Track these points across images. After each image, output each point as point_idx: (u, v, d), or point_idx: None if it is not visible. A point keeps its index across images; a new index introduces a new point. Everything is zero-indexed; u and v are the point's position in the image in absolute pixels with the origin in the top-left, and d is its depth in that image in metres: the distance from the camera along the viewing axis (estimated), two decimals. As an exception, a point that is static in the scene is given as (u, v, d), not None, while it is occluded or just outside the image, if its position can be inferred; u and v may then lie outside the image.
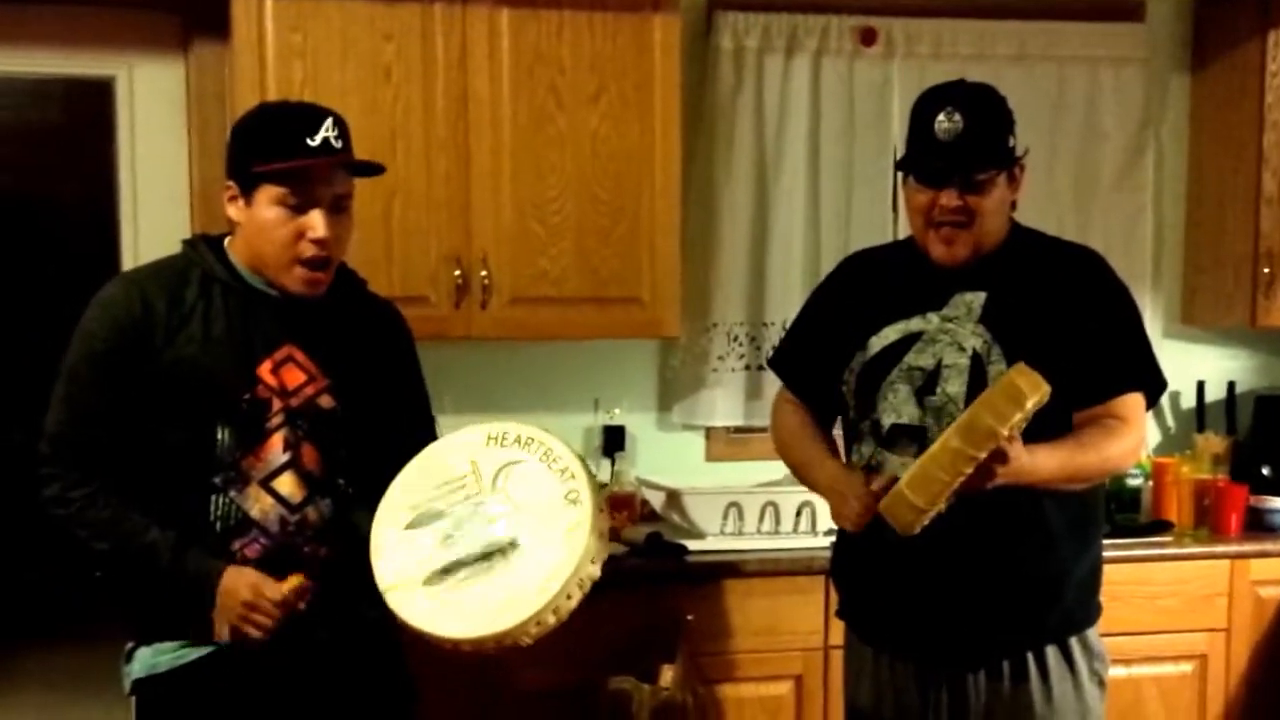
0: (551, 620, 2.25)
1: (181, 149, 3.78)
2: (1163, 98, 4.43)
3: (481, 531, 2.33)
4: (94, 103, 3.99)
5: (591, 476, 2.37)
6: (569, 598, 2.26)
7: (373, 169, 2.54)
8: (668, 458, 4.16)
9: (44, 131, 6.79)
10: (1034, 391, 2.25)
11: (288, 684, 2.46)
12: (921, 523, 2.30)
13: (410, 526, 2.37)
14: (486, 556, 2.31)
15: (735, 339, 4.15)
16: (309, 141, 2.40)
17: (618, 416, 4.03)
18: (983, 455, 2.24)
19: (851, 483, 2.59)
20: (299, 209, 2.41)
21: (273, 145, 2.40)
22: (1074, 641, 2.65)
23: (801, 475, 2.85)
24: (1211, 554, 3.87)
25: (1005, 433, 2.24)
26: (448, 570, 2.31)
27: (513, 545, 2.31)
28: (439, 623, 2.27)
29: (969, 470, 2.25)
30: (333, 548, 2.46)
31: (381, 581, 2.33)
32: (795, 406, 2.90)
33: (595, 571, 2.30)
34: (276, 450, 2.43)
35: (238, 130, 2.52)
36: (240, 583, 2.36)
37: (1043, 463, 2.40)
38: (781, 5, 4.07)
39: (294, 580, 2.37)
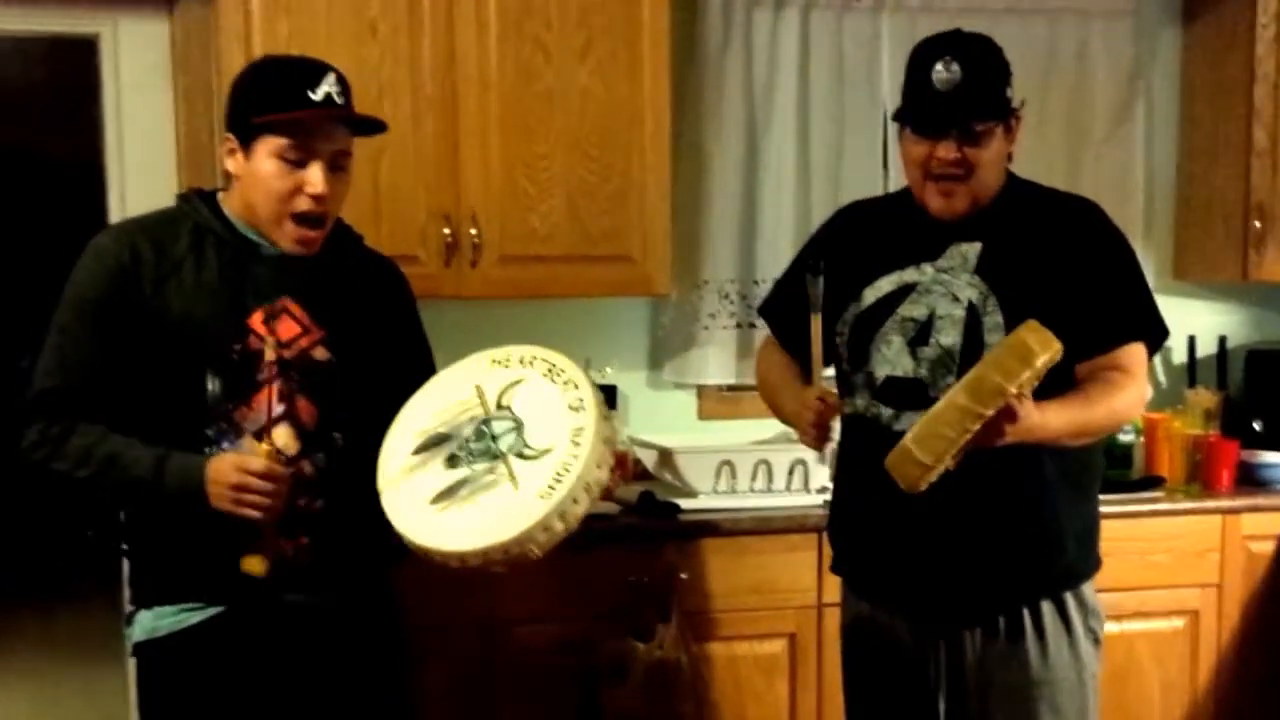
0: (559, 527, 2.22)
1: (167, 106, 3.74)
2: (1153, 50, 4.41)
3: (486, 448, 2.33)
4: (79, 60, 3.95)
5: (595, 387, 2.37)
6: (575, 502, 2.23)
7: (374, 125, 2.52)
8: (660, 416, 4.15)
9: (29, 89, 6.73)
10: (1044, 350, 2.24)
11: (287, 648, 2.45)
12: (928, 480, 2.28)
13: (416, 452, 2.37)
14: (491, 471, 2.30)
15: (726, 296, 4.13)
16: (310, 95, 2.39)
17: (609, 375, 4.00)
18: (989, 413, 2.22)
19: (803, 395, 2.60)
20: (298, 163, 2.40)
21: (274, 97, 2.39)
22: (1070, 598, 2.65)
23: (773, 407, 2.86)
24: (1203, 509, 3.88)
25: (1013, 390, 2.22)
26: (453, 489, 2.30)
27: (519, 457, 2.30)
28: (446, 539, 2.25)
29: (975, 428, 2.23)
30: (328, 501, 2.44)
31: (389, 508, 2.32)
32: (780, 353, 2.90)
33: (602, 476, 2.29)
34: (270, 402, 2.41)
35: (238, 83, 2.49)
36: (223, 467, 2.32)
37: (1052, 420, 2.39)
38: (770, -42, 4.03)
39: (263, 448, 2.34)
